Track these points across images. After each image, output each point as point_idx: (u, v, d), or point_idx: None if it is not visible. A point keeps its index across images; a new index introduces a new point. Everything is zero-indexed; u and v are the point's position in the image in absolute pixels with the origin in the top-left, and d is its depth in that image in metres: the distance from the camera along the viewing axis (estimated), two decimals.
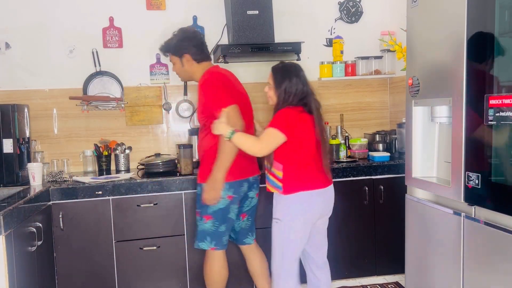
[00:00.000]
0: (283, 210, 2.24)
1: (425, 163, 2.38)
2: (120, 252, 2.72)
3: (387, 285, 3.05)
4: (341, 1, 3.52)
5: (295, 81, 2.26)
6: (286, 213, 2.23)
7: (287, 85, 2.25)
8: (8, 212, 1.94)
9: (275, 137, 2.19)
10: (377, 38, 3.46)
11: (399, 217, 2.64)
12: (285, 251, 2.26)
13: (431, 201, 2.29)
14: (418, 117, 2.37)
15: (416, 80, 2.32)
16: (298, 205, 2.23)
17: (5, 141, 2.63)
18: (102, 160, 3.10)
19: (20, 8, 3.10)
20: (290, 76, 2.27)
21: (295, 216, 2.23)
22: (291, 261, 2.28)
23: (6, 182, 2.64)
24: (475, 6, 1.88)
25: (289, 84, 2.25)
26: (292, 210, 2.23)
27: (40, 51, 3.15)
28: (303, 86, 2.27)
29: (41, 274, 2.38)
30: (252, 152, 2.24)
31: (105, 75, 3.21)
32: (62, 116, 3.19)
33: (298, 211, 2.23)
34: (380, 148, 3.30)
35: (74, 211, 2.65)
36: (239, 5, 3.01)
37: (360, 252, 3.02)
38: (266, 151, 2.22)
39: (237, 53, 2.97)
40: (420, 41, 2.30)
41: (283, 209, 2.24)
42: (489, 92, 1.83)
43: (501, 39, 1.80)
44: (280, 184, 2.24)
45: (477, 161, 1.92)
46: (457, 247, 2.06)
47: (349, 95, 3.58)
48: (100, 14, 3.21)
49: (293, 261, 2.28)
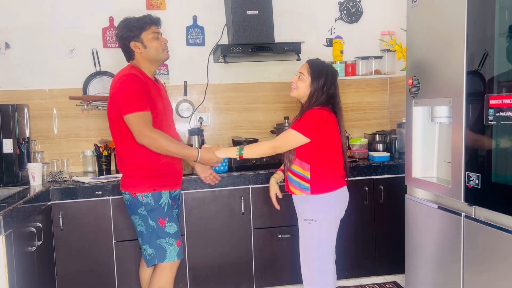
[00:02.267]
0: (316, 210, 2.23)
1: (425, 163, 2.38)
2: (120, 252, 2.72)
3: (385, 284, 3.05)
4: (341, 1, 3.52)
5: (332, 80, 2.25)
6: (319, 213, 2.22)
7: (325, 82, 2.23)
8: (8, 212, 1.94)
9: (294, 138, 2.19)
10: (377, 38, 3.46)
11: (399, 217, 2.64)
12: (323, 250, 2.26)
13: (431, 201, 2.29)
14: (418, 117, 2.37)
15: (416, 80, 2.32)
16: (330, 204, 2.24)
17: (5, 141, 2.63)
18: (102, 160, 3.10)
19: (20, 8, 3.10)
20: (330, 74, 2.26)
21: (328, 215, 2.24)
22: (330, 259, 2.29)
23: (6, 182, 2.64)
24: (475, 6, 1.88)
25: (327, 82, 2.23)
26: (325, 209, 2.23)
27: (40, 51, 3.15)
28: (335, 88, 2.27)
29: (41, 274, 2.38)
30: (269, 154, 2.26)
31: (105, 75, 3.21)
32: (62, 116, 3.19)
33: (330, 209, 2.24)
34: (380, 148, 3.29)
35: (74, 211, 2.65)
36: (239, 5, 3.01)
37: (360, 252, 3.02)
38: (281, 150, 2.24)
39: (237, 53, 2.97)
40: (420, 41, 2.30)
41: (316, 209, 2.23)
42: (489, 92, 1.83)
43: (501, 39, 1.80)
44: (307, 185, 2.22)
45: (477, 161, 1.92)
46: (457, 247, 2.06)
47: (349, 95, 3.58)
48: (100, 14, 3.21)
49: (331, 259, 2.29)
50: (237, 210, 2.85)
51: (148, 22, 2.27)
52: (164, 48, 2.29)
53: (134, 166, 2.23)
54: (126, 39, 2.25)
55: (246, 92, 3.44)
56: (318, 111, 2.20)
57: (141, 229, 2.28)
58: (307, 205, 2.25)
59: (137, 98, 2.13)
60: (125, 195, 2.30)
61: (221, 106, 3.43)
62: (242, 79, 3.44)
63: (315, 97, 2.23)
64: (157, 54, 2.27)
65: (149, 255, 2.27)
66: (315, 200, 2.23)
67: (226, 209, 2.83)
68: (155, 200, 2.25)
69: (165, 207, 2.28)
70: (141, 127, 2.12)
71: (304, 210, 2.27)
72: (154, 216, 2.25)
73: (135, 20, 2.27)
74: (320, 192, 2.22)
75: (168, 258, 2.26)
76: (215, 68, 3.37)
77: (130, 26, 2.25)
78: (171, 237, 2.27)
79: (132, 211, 2.29)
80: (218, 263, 2.85)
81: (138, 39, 2.24)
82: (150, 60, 2.28)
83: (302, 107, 2.28)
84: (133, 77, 2.17)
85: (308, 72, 2.26)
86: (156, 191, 2.25)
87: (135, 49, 2.25)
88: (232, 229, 2.85)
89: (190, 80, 3.31)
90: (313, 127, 2.17)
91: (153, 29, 2.27)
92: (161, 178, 2.27)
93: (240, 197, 2.84)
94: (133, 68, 2.24)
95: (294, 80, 2.32)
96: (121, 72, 2.26)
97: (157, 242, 2.25)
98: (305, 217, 2.26)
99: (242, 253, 2.86)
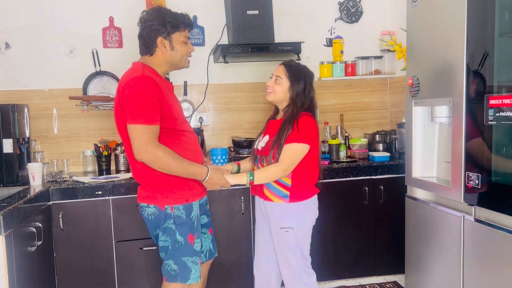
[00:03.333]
0: (293, 217, 2.17)
1: (425, 163, 2.38)
2: (120, 252, 2.72)
3: (385, 284, 3.05)
4: (341, 1, 3.52)
5: (310, 83, 2.20)
6: (297, 220, 2.17)
7: (305, 85, 2.17)
8: (8, 212, 1.94)
9: (301, 151, 2.11)
10: (377, 38, 3.46)
11: (399, 217, 2.64)
12: (304, 252, 2.23)
13: (431, 201, 2.29)
14: (418, 117, 2.37)
15: (416, 80, 2.32)
16: (307, 211, 2.21)
17: (5, 141, 2.63)
18: (102, 160, 3.10)
19: (20, 8, 3.10)
20: (308, 77, 2.20)
21: (307, 221, 2.22)
22: (308, 262, 2.26)
23: (6, 182, 2.64)
24: (475, 6, 1.88)
25: (307, 85, 2.18)
26: (302, 217, 2.19)
27: (40, 51, 3.15)
28: (314, 91, 2.22)
29: (41, 274, 2.38)
30: (281, 177, 2.13)
31: (105, 75, 3.21)
32: (62, 116, 3.19)
33: (307, 216, 2.21)
34: (380, 148, 3.29)
35: (74, 211, 2.65)
36: (239, 5, 3.01)
37: (360, 252, 3.02)
38: (292, 169, 2.12)
39: (237, 53, 2.97)
40: (420, 41, 2.30)
41: (293, 217, 2.17)
42: (489, 92, 1.83)
43: (501, 39, 1.80)
44: (287, 193, 2.16)
45: (477, 161, 1.92)
46: (457, 247, 2.06)
47: (349, 95, 3.58)
48: (100, 14, 3.21)
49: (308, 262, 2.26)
50: (237, 210, 2.84)
51: (185, 23, 2.05)
52: (188, 56, 2.11)
53: (162, 176, 1.99)
54: (154, 31, 1.99)
55: (246, 92, 3.44)
56: (311, 119, 2.15)
57: (165, 244, 2.05)
58: (285, 213, 2.17)
59: (149, 107, 1.89)
60: (149, 209, 2.04)
61: (221, 106, 3.43)
62: (242, 79, 3.44)
63: (299, 102, 2.16)
64: (181, 60, 2.09)
65: (174, 271, 2.05)
66: (292, 207, 2.16)
67: (226, 209, 2.83)
68: (187, 213, 2.03)
69: (195, 221, 2.07)
70: (145, 142, 1.87)
71: (280, 219, 2.18)
72: (184, 231, 2.03)
73: (172, 15, 2.02)
74: (298, 199, 2.16)
75: (191, 280, 2.06)
76: (215, 68, 3.37)
77: (165, 19, 1.99)
78: (198, 255, 2.08)
79: (157, 225, 2.05)
80: (218, 263, 2.84)
81: (168, 37, 2.01)
82: (171, 63, 2.08)
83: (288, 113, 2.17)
84: (147, 80, 1.92)
85: (286, 76, 2.17)
86: (189, 202, 2.04)
87: (160, 47, 2.02)
88: (232, 229, 2.85)
89: (190, 80, 3.31)
90: (311, 135, 2.13)
91: (186, 33, 2.06)
92: (193, 187, 2.07)
93: (240, 197, 2.83)
94: (146, 68, 2.00)
95: (270, 83, 2.20)
96: (133, 71, 1.99)
97: (183, 260, 2.04)
98: (281, 226, 2.17)
99: (242, 253, 2.86)
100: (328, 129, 3.42)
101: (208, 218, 2.31)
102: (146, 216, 2.08)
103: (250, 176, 2.11)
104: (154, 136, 1.89)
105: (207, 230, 2.32)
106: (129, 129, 1.91)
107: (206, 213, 2.31)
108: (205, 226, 2.30)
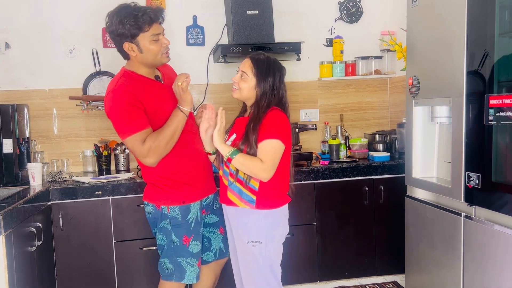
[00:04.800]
0: (261, 230, 1.93)
1: (425, 163, 2.38)
2: (120, 252, 2.72)
3: (385, 284, 3.05)
4: (341, 1, 3.52)
5: (280, 79, 1.99)
6: (265, 233, 1.93)
7: (273, 82, 1.95)
8: (8, 212, 1.94)
9: (280, 150, 1.89)
10: (377, 38, 3.45)
11: (399, 217, 2.64)
12: (274, 268, 2.00)
13: (431, 201, 2.29)
14: (418, 117, 2.37)
15: (416, 80, 2.32)
16: (277, 222, 1.97)
17: (5, 141, 2.63)
18: (102, 160, 3.10)
19: (20, 8, 3.10)
20: (277, 73, 1.98)
21: (276, 234, 1.97)
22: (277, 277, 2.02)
23: (6, 182, 2.64)
24: (475, 6, 1.88)
25: (275, 82, 1.96)
26: (272, 229, 1.95)
27: (40, 51, 3.15)
28: (285, 88, 2.01)
29: (41, 274, 2.38)
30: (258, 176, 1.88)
31: (105, 75, 3.21)
32: (62, 116, 3.19)
33: (277, 228, 1.98)
34: (380, 148, 3.29)
35: (74, 211, 2.65)
36: (239, 5, 3.01)
37: (360, 252, 3.02)
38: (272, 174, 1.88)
39: (237, 53, 2.97)
40: (420, 41, 2.30)
41: (261, 229, 1.93)
42: (489, 92, 1.83)
43: (501, 39, 1.80)
44: (253, 197, 1.92)
45: (477, 161, 1.92)
46: (457, 247, 2.06)
47: (349, 95, 3.58)
48: (100, 14, 3.20)
49: (278, 277, 2.03)
50: None
51: (148, 21, 1.91)
52: (163, 52, 2.00)
53: (160, 176, 2.02)
54: (119, 37, 1.93)
55: None
56: (280, 113, 1.93)
57: (162, 242, 2.09)
58: (249, 222, 1.94)
59: (129, 118, 1.89)
60: (148, 207, 2.09)
61: (221, 106, 3.40)
62: None
63: (266, 101, 1.95)
64: (155, 59, 1.99)
65: (168, 270, 2.07)
66: (260, 217, 1.92)
67: None
68: (183, 215, 2.02)
69: (192, 223, 2.04)
70: (138, 150, 1.91)
71: (246, 230, 1.94)
72: (179, 233, 2.03)
73: (133, 16, 1.89)
74: (266, 207, 1.92)
75: (186, 279, 2.05)
76: (215, 68, 3.37)
77: (124, 23, 1.89)
78: (194, 257, 2.06)
79: (154, 224, 2.10)
80: None
81: (134, 41, 1.93)
82: (146, 64, 2.01)
83: (253, 114, 1.97)
84: (119, 93, 1.91)
85: (252, 72, 1.96)
86: (185, 204, 2.03)
87: (130, 51, 1.96)
88: None
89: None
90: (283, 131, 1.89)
91: (153, 30, 1.93)
92: (192, 190, 2.05)
93: None
94: (125, 74, 1.99)
95: (236, 79, 2.02)
96: (111, 83, 2.01)
97: (178, 260, 2.05)
98: (248, 239, 1.93)
99: None
100: (328, 129, 3.41)
101: (218, 217, 2.24)
102: (146, 214, 2.15)
103: (233, 153, 1.88)
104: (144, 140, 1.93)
105: (217, 229, 2.27)
106: (124, 143, 2.01)
107: (216, 212, 2.24)
108: (215, 225, 2.26)
